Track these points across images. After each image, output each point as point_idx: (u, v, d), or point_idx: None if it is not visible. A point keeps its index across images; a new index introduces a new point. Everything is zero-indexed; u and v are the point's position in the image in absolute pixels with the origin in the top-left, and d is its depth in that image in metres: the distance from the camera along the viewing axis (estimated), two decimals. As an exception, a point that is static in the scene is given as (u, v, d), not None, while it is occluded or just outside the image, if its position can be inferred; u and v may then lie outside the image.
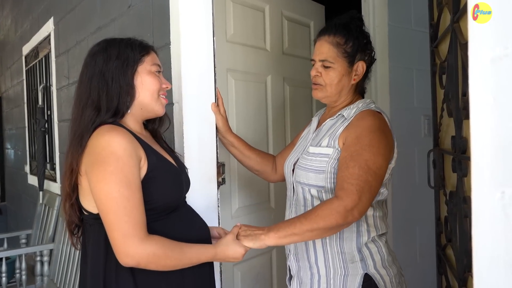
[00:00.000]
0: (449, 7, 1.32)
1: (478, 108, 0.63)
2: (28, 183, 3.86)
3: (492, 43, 0.61)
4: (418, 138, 2.50)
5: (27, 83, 3.87)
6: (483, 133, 0.62)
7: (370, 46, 1.40)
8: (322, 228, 1.17)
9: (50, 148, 3.31)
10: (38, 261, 2.80)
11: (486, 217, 0.62)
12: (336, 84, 1.37)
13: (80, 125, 1.12)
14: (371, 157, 1.22)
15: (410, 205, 2.41)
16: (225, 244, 1.17)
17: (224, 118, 1.60)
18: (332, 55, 1.36)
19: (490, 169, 0.61)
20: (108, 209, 1.02)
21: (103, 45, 1.18)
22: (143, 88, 1.17)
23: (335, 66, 1.36)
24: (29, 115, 3.88)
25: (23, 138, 4.07)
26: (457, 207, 1.30)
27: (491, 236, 0.61)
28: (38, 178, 3.19)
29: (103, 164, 1.03)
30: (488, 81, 0.61)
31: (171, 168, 1.20)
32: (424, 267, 2.25)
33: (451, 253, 1.46)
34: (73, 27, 2.61)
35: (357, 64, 1.37)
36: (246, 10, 2.01)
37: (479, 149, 0.63)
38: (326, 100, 1.44)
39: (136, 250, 1.01)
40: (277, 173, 1.67)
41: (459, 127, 1.23)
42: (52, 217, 2.92)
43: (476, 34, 0.63)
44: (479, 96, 0.63)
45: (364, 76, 1.41)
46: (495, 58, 0.60)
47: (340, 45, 1.36)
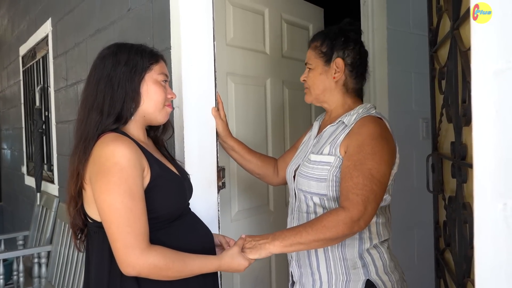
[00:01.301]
0: (449, 13, 1.33)
1: (481, 120, 0.63)
2: (25, 184, 3.85)
3: (495, 55, 0.61)
4: (416, 141, 2.52)
5: (24, 83, 3.86)
6: (485, 145, 0.63)
7: (351, 44, 1.41)
8: (328, 239, 1.18)
9: (47, 149, 3.31)
10: (35, 263, 2.80)
11: (488, 228, 0.63)
12: (317, 84, 1.42)
13: (86, 128, 1.13)
14: (374, 166, 1.23)
15: (408, 208, 2.43)
16: (230, 257, 1.16)
17: (224, 123, 1.61)
18: (310, 57, 1.45)
19: (492, 180, 0.62)
20: (111, 220, 1.03)
21: (113, 49, 1.18)
22: (147, 97, 1.18)
23: (313, 67, 1.43)
24: (26, 115, 3.87)
25: (19, 138, 4.06)
26: (456, 213, 1.31)
27: (493, 247, 0.62)
28: (36, 179, 3.19)
29: (107, 175, 1.04)
30: (491, 93, 0.62)
31: (173, 176, 1.21)
32: (422, 270, 2.26)
33: (450, 257, 1.47)
34: (71, 28, 2.60)
35: (335, 61, 1.40)
36: (246, 14, 2.01)
37: (481, 161, 0.63)
38: (316, 102, 1.48)
39: (137, 261, 1.02)
40: (279, 177, 1.67)
41: (459, 133, 1.24)
42: (50, 218, 2.92)
43: (479, 46, 0.64)
44: (481, 108, 0.63)
45: (353, 76, 1.41)
46: (497, 71, 0.61)
47: (317, 47, 1.43)
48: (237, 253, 1.17)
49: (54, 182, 3.09)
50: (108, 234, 1.05)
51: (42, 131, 3.23)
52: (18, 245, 3.19)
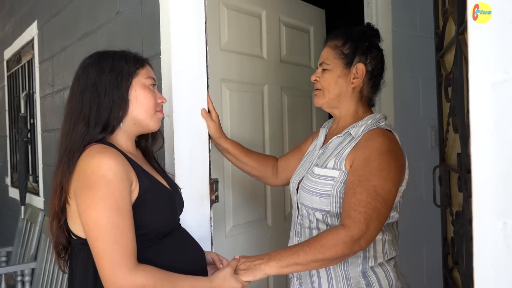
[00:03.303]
0: (454, 17, 1.34)
1: (479, 134, 0.64)
2: (9, 196, 3.86)
3: (493, 66, 0.62)
4: (425, 151, 2.52)
5: (9, 89, 3.89)
6: (484, 160, 0.63)
7: (374, 50, 1.41)
8: (327, 259, 1.17)
9: (33, 159, 3.32)
10: (19, 281, 2.79)
11: (488, 250, 0.63)
12: (333, 87, 1.40)
13: (71, 141, 1.13)
14: (380, 182, 1.22)
15: (416, 223, 2.42)
16: (222, 279, 1.15)
17: (216, 124, 1.60)
18: (328, 57, 1.41)
19: (491, 198, 0.63)
20: (97, 237, 1.03)
21: (96, 57, 1.20)
22: (137, 103, 1.18)
23: (330, 68, 1.40)
24: (10, 123, 3.89)
25: (3, 148, 4.08)
26: (463, 229, 1.31)
27: (493, 268, 0.63)
28: (20, 191, 3.20)
29: (92, 189, 1.04)
30: (489, 106, 0.63)
31: (163, 190, 1.21)
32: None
33: (458, 276, 1.47)
34: (58, 32, 2.63)
35: (356, 66, 1.39)
36: (241, 16, 2.03)
37: (479, 177, 0.64)
38: (327, 107, 1.45)
39: (124, 281, 1.01)
40: (278, 178, 1.66)
41: (465, 144, 1.25)
42: (35, 233, 2.92)
43: (476, 57, 0.65)
44: (479, 121, 0.64)
45: (371, 84, 1.42)
46: (495, 83, 0.62)
47: (337, 47, 1.40)
48: (230, 275, 1.16)
49: (39, 194, 3.09)
50: (93, 252, 1.05)
51: (27, 140, 3.24)
52: (0, 262, 3.19)
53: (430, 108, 2.36)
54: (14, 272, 2.82)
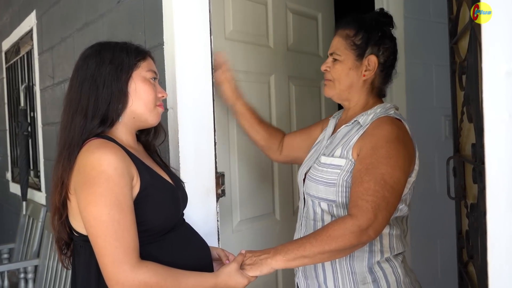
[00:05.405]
0: (468, 1, 1.34)
1: (493, 125, 0.64)
2: (10, 192, 3.90)
3: (507, 55, 0.62)
4: (439, 141, 2.52)
5: (8, 81, 3.91)
6: (498, 151, 0.64)
7: (387, 41, 1.41)
8: (334, 250, 1.17)
9: (33, 153, 3.35)
10: (21, 278, 2.83)
11: (502, 242, 0.64)
12: (344, 79, 1.40)
13: (70, 134, 1.15)
14: (388, 170, 1.22)
15: (430, 216, 2.43)
16: (228, 274, 1.17)
17: (232, 85, 1.64)
18: (340, 47, 1.42)
19: (506, 190, 0.63)
20: (98, 234, 1.05)
21: (97, 48, 1.21)
22: (136, 97, 1.20)
23: (341, 59, 1.41)
24: (10, 117, 3.92)
25: (3, 142, 4.11)
26: (478, 222, 1.31)
27: (507, 263, 0.63)
28: (21, 186, 3.23)
29: (92, 185, 1.06)
30: (503, 95, 0.63)
31: (166, 185, 1.23)
32: (446, 285, 2.26)
33: (473, 270, 1.48)
34: (57, 22, 2.64)
35: (368, 58, 1.39)
36: (246, 4, 2.03)
37: (493, 169, 0.64)
38: (337, 98, 1.47)
39: (126, 278, 1.03)
40: (281, 155, 1.72)
41: (480, 134, 1.25)
42: (37, 229, 2.96)
43: (489, 45, 0.65)
44: (493, 112, 0.64)
45: (382, 76, 1.43)
46: (510, 72, 0.62)
47: (349, 37, 1.40)
48: (235, 270, 1.18)
49: (41, 189, 3.13)
50: (95, 249, 1.07)
51: (27, 134, 3.26)
52: (2, 259, 3.23)
53: (444, 97, 2.35)
54: (17, 269, 2.86)
